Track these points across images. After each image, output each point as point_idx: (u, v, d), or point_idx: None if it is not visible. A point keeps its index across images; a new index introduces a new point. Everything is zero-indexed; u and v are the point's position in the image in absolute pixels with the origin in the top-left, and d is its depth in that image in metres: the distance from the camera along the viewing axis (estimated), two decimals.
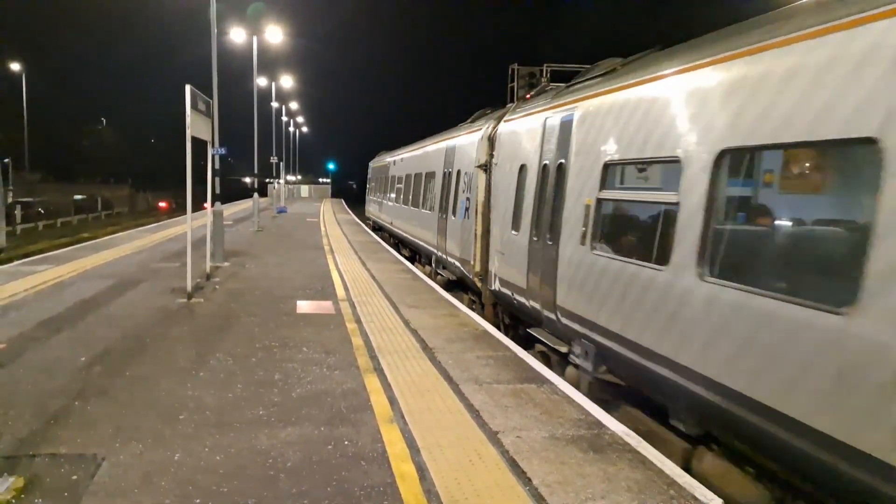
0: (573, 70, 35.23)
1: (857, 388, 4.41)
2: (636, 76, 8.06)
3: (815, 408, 4.69)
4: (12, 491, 5.06)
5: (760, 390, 5.24)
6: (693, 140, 6.55)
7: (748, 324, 5.43)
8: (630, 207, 8.38)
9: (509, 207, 11.95)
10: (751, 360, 5.36)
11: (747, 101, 5.84)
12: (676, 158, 6.73)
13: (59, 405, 7.01)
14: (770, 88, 5.57)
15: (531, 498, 5.18)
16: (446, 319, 11.64)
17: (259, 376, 8.21)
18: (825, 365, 4.64)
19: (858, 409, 4.38)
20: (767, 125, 5.53)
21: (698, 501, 5.19)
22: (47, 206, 49.48)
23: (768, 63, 5.67)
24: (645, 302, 7.06)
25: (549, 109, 10.72)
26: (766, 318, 5.25)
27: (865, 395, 4.35)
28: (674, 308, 6.49)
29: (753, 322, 5.38)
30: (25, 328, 10.30)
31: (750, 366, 5.38)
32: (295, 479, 5.46)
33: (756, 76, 5.80)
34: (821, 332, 4.71)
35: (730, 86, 6.15)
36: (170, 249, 21.94)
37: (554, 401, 7.48)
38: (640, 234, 7.95)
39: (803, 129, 5.15)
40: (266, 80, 50.94)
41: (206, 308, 12.37)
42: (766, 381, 5.19)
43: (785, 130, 5.33)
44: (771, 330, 5.18)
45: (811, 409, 4.73)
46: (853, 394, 4.43)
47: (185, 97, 12.90)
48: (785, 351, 5.03)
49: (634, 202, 8.33)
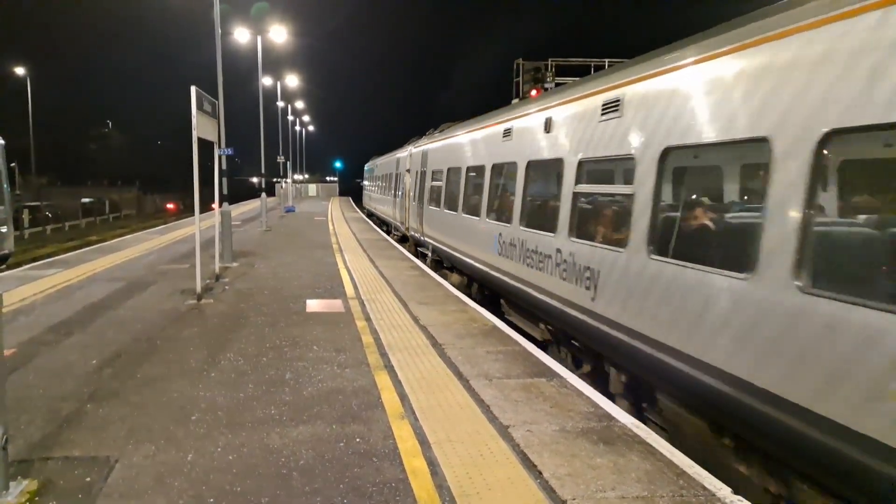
0: (578, 65, 35.50)
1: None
2: (451, 133, 19.29)
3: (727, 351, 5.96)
4: (26, 494, 5.10)
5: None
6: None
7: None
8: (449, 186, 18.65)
9: (416, 192, 23.77)
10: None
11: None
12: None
13: (71, 408, 7.06)
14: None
15: (542, 491, 5.20)
16: (455, 315, 11.65)
17: (270, 376, 8.25)
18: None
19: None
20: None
21: (707, 491, 5.20)
22: (55, 210, 49.59)
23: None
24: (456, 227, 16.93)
25: (420, 144, 24.29)
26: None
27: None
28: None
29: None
30: (35, 333, 10.36)
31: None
32: (308, 477, 5.49)
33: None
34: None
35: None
36: (178, 251, 22.02)
37: (563, 394, 7.49)
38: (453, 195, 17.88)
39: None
40: (271, 80, 51.04)
41: (216, 309, 12.42)
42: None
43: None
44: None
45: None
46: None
47: (191, 98, 12.93)
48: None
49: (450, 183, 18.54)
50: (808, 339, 4.99)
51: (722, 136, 6.30)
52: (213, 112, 15.02)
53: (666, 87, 7.35)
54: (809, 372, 4.95)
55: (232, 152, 19.29)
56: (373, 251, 22.26)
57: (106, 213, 59.01)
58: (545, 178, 11.11)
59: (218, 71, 19.46)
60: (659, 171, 7.26)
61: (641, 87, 7.85)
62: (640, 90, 7.86)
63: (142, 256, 20.67)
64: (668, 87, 7.31)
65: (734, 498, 5.09)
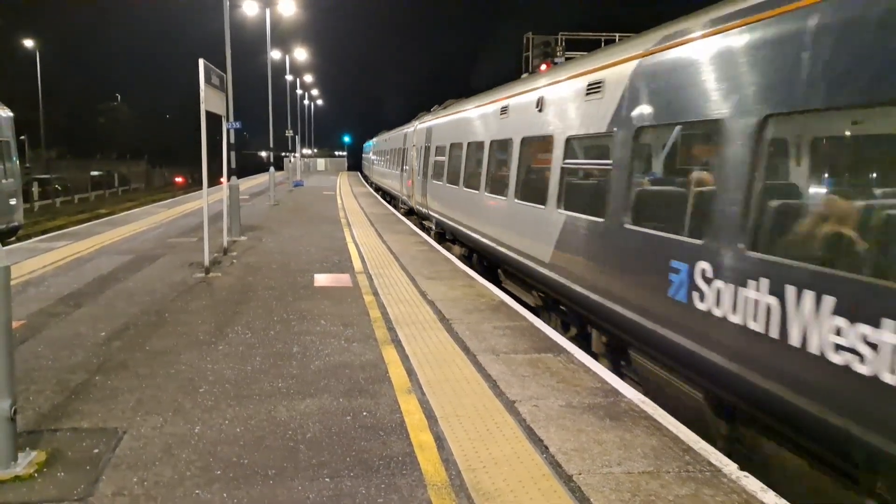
0: (588, 39, 34.95)
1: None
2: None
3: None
4: (35, 465, 5.14)
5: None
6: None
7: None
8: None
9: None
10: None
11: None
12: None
13: (79, 380, 7.09)
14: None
15: (548, 465, 5.20)
16: (463, 290, 11.64)
17: (277, 349, 8.27)
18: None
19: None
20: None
21: (713, 466, 5.20)
22: (64, 183, 49.76)
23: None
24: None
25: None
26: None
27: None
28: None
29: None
30: (45, 304, 10.41)
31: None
32: (315, 450, 5.51)
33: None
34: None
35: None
36: (187, 224, 22.06)
37: (570, 369, 7.49)
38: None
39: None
40: (280, 54, 50.76)
41: (224, 282, 12.44)
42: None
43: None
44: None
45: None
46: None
47: (199, 71, 12.87)
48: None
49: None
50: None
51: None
52: (222, 85, 14.95)
53: (625, 72, 8.24)
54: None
55: (240, 126, 19.25)
56: (380, 225, 22.25)
57: (115, 186, 59.16)
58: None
59: (226, 44, 19.35)
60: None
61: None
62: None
63: (150, 229, 20.71)
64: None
65: (740, 473, 5.09)
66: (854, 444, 4.55)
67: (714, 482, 4.97)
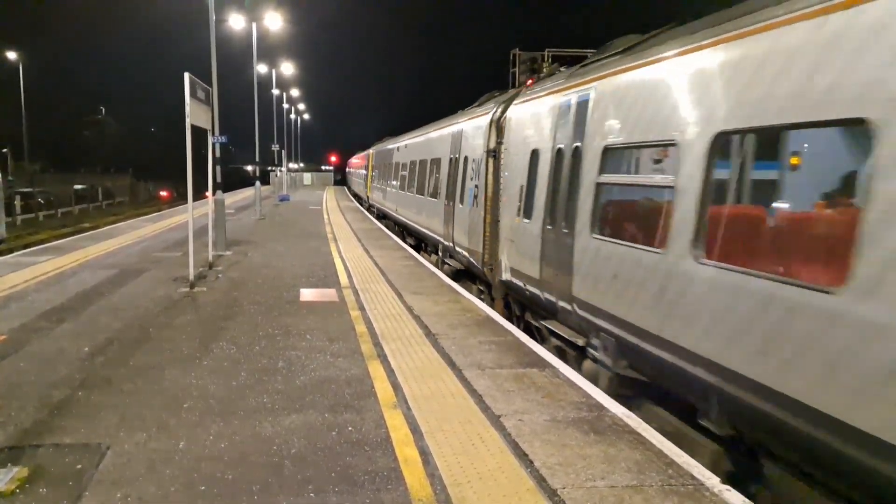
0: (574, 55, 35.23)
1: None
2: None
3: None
4: (16, 481, 5.09)
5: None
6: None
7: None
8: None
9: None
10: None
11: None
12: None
13: (62, 395, 7.05)
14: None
15: (533, 480, 5.22)
16: (449, 306, 11.66)
17: (263, 364, 8.24)
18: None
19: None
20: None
21: (696, 480, 5.23)
22: (48, 197, 49.38)
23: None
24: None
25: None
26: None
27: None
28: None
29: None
30: (27, 319, 10.34)
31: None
32: (299, 465, 5.50)
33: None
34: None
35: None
36: (171, 238, 21.96)
37: (555, 384, 7.51)
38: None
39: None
40: (266, 68, 50.75)
41: (209, 297, 12.40)
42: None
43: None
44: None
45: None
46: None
47: (185, 85, 12.87)
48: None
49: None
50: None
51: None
52: (207, 99, 14.95)
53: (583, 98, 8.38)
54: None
55: (226, 140, 19.24)
56: (367, 241, 22.24)
57: (99, 199, 58.78)
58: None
59: (212, 58, 19.39)
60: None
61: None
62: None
63: (135, 244, 20.61)
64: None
65: (722, 487, 5.12)
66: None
67: (696, 495, 4.99)
